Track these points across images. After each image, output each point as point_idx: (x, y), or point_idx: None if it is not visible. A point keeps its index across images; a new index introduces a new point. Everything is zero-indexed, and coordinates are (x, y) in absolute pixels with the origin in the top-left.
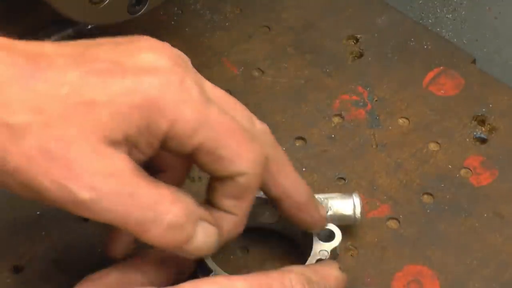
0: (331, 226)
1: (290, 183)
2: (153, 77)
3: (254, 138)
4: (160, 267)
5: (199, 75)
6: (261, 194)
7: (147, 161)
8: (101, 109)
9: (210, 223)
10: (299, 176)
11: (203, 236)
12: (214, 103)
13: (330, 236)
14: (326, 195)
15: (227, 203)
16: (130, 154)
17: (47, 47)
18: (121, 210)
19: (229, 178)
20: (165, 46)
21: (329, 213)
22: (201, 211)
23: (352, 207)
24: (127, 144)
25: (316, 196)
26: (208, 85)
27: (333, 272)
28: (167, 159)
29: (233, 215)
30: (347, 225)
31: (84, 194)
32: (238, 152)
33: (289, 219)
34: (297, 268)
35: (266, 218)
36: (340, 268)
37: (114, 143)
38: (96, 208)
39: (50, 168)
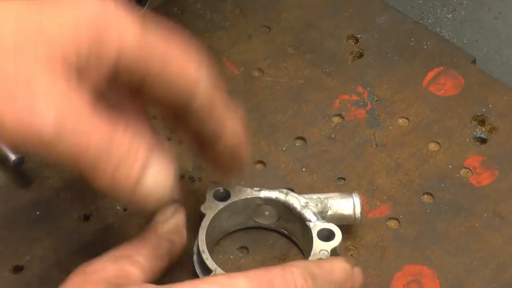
0: (331, 226)
1: (228, 116)
2: (91, 5)
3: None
4: (153, 258)
5: None
6: (260, 194)
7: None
8: (52, 38)
9: (163, 158)
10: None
11: (156, 172)
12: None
13: (330, 236)
14: (326, 195)
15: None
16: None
17: None
18: (80, 147)
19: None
20: None
21: (329, 212)
22: (155, 141)
23: (352, 206)
24: (78, 73)
25: (316, 196)
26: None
27: (339, 265)
28: None
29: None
30: (347, 225)
31: (48, 130)
32: (182, 67)
33: (219, 164)
34: (299, 263)
35: (266, 218)
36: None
37: (69, 72)
38: (59, 144)
39: (11, 106)
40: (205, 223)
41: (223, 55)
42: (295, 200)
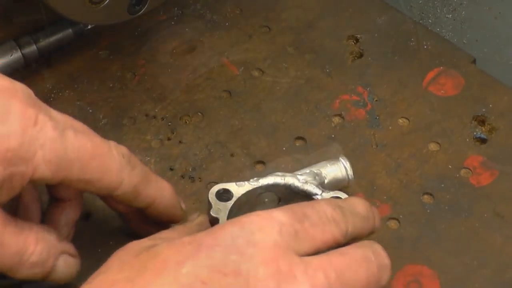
0: (337, 193)
1: (157, 188)
2: (7, 127)
3: (111, 146)
4: None
5: (44, 105)
6: (259, 183)
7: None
8: None
9: (70, 254)
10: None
11: (64, 267)
12: (67, 129)
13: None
14: (316, 167)
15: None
16: None
17: None
18: None
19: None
20: (9, 87)
21: (326, 181)
22: (62, 245)
23: (344, 170)
24: None
25: (308, 170)
26: (55, 113)
27: (360, 200)
28: (68, 191)
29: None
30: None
31: None
32: (103, 170)
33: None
34: (324, 199)
35: (266, 204)
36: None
37: None
38: None
39: None
40: None
41: (223, 55)
42: (294, 180)
